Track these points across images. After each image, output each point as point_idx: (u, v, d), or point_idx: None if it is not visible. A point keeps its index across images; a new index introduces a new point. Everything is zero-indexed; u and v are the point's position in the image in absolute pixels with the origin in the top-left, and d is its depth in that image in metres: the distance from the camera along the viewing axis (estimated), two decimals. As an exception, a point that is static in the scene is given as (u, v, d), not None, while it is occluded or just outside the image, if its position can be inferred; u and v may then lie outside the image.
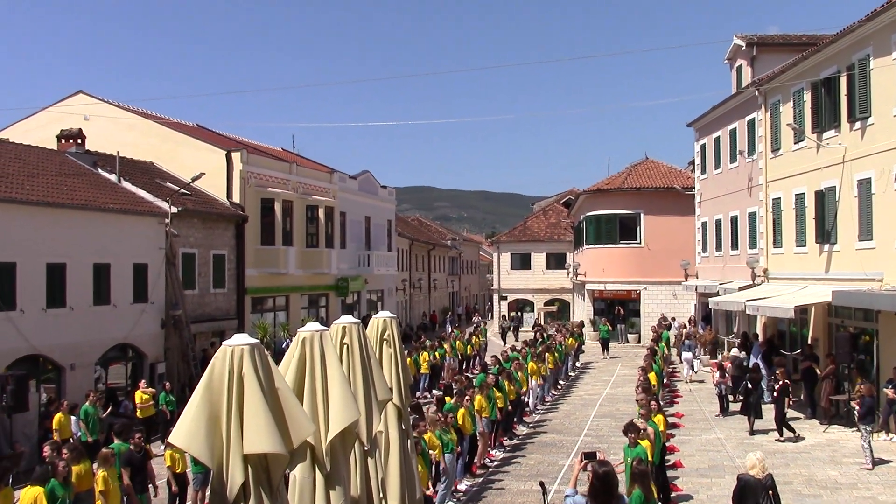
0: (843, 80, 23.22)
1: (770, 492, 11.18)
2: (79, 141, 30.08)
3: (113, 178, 28.31)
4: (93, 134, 31.38)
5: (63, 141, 30.24)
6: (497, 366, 23.82)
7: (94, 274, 24.25)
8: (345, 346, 6.78)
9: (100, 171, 28.60)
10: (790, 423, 20.75)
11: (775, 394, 20.30)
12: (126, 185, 28.30)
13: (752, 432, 21.33)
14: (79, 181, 26.20)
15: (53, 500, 11.84)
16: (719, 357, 31.13)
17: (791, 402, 21.26)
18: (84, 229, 23.94)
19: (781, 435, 20.24)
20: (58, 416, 18.44)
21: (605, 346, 40.65)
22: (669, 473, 16.54)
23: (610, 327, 43.17)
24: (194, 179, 28.95)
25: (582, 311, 50.70)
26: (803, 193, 26.10)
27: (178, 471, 14.73)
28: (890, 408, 18.71)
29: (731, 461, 17.93)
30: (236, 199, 32.96)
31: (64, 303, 23.06)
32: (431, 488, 13.92)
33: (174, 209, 27.63)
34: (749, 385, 22.10)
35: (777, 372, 21.23)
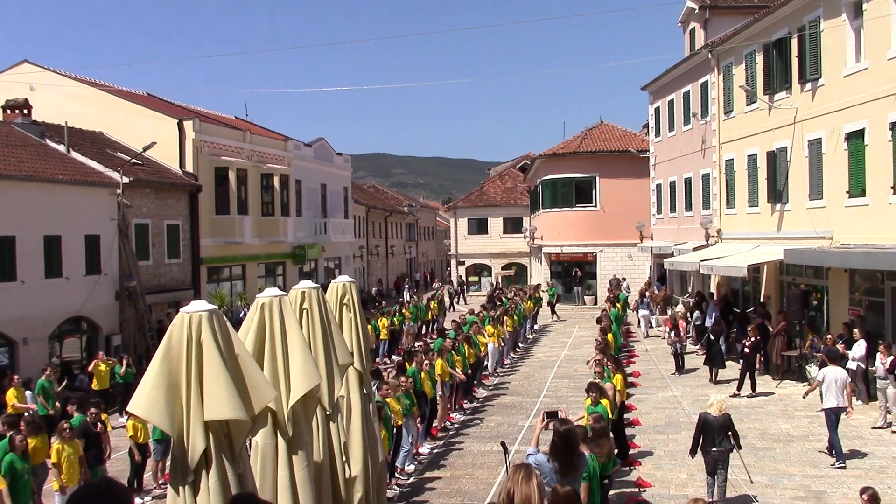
0: (794, 42, 23.47)
1: (728, 431, 12.38)
2: (25, 111, 29.29)
3: (62, 148, 27.68)
4: (39, 104, 30.60)
5: (9, 111, 29.43)
6: (456, 330, 23.92)
7: (44, 246, 23.77)
8: (304, 312, 6.74)
9: (48, 141, 27.93)
10: (756, 379, 21.11)
11: (746, 350, 20.68)
12: (75, 155, 27.69)
13: (714, 381, 22.39)
14: (26, 152, 25.57)
15: (12, 474, 11.71)
16: (668, 312, 31.89)
17: (762, 359, 21.70)
18: (33, 201, 23.41)
19: (740, 390, 20.66)
20: (10, 391, 18.16)
21: (552, 309, 40.94)
22: (627, 431, 16.81)
23: (558, 290, 43.59)
24: (146, 149, 28.42)
25: (539, 274, 51.01)
26: (756, 154, 26.44)
27: (140, 441, 14.63)
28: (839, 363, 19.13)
29: (688, 417, 18.26)
30: (189, 168, 32.46)
31: (14, 276, 22.60)
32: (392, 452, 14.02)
33: (126, 179, 27.14)
34: (711, 337, 23.23)
35: (749, 329, 21.70)
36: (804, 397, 17.91)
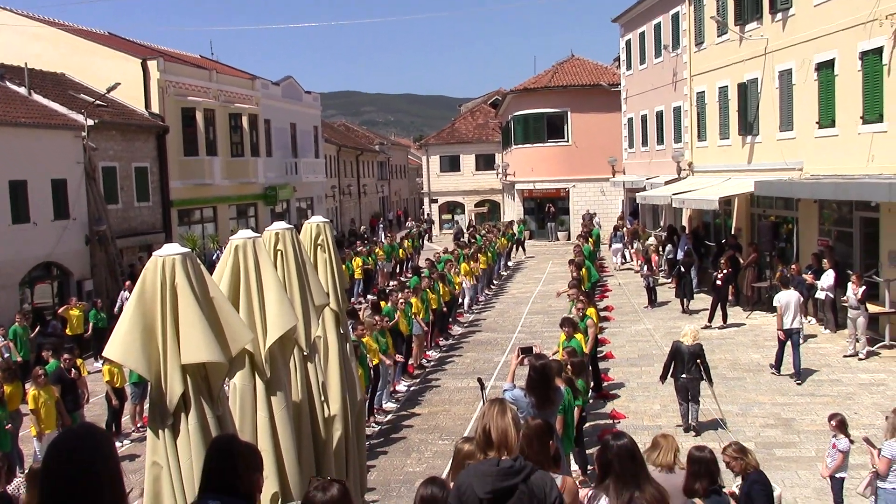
0: (765, -29, 23.27)
1: (698, 360, 12.80)
2: (-18, 53, 28.53)
3: (22, 91, 27.01)
4: (-2, 45, 29.80)
5: (-35, 53, 28.64)
6: (430, 268, 23.97)
7: (10, 191, 23.36)
8: (279, 253, 6.69)
9: (7, 83, 27.23)
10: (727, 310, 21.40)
11: (718, 282, 20.89)
12: (37, 97, 27.06)
13: (686, 311, 22.95)
14: (-14, 95, 24.98)
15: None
16: (635, 246, 32.30)
17: (734, 290, 21.96)
18: (-4, 145, 22.93)
19: (711, 321, 20.94)
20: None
21: (520, 245, 41.06)
22: (601, 365, 17.06)
23: (525, 227, 43.76)
24: (109, 90, 27.83)
25: (512, 210, 51.09)
26: (727, 86, 26.41)
27: (117, 385, 14.64)
28: (808, 292, 19.44)
29: (660, 350, 18.51)
30: (155, 109, 31.88)
31: (-19, 222, 22.28)
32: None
33: (90, 122, 26.62)
34: (682, 269, 23.49)
35: (722, 261, 21.85)
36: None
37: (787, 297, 16.01)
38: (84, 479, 3.09)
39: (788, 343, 15.91)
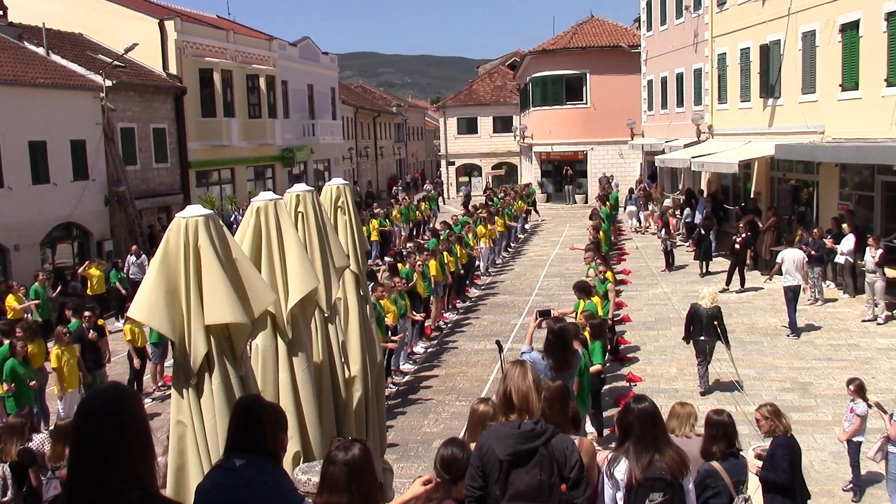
0: (790, -70, 22.83)
1: (715, 322, 12.91)
2: (1, 13, 28.44)
3: (41, 51, 27.01)
4: (16, 4, 29.60)
5: (-17, 13, 28.58)
6: (447, 230, 23.99)
7: (30, 152, 23.47)
8: (299, 215, 6.71)
9: (26, 44, 27.21)
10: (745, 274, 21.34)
11: (737, 246, 20.80)
12: (55, 58, 27.06)
13: (704, 274, 23.08)
14: (5, 55, 24.94)
15: (14, 379, 11.89)
16: (650, 208, 32.32)
17: (752, 254, 21.88)
18: (15, 106, 22.97)
19: (728, 285, 20.89)
20: (10, 297, 18.22)
21: (533, 208, 40.77)
22: (618, 328, 17.09)
23: (538, 189, 43.58)
24: (127, 51, 27.78)
25: (530, 173, 50.89)
26: (748, 48, 26.06)
27: (138, 345, 14.78)
28: (828, 256, 19.33)
29: (677, 313, 18.51)
30: (173, 70, 31.83)
31: (1, 183, 22.40)
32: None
33: (108, 82, 26.63)
34: (702, 231, 23.47)
35: (741, 225, 21.75)
36: (770, 280, 18.36)
37: (791, 255, 16.77)
38: (113, 437, 3.14)
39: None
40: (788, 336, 16.33)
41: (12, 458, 8.55)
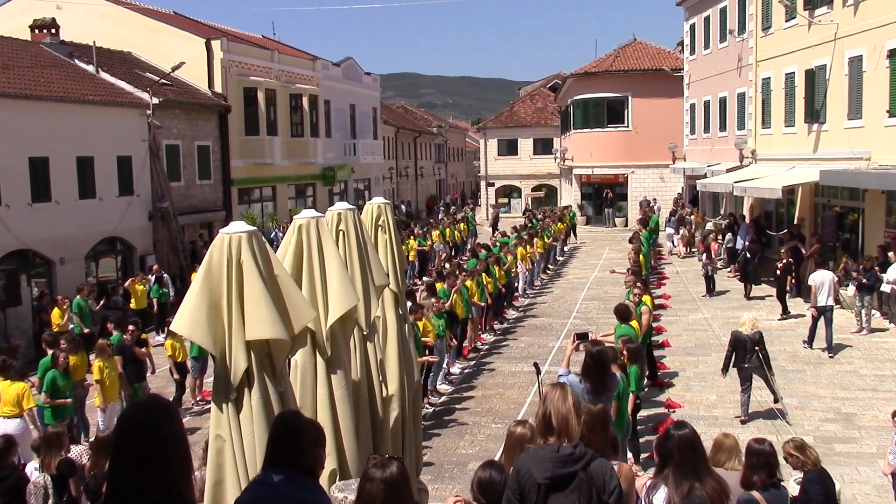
0: (838, -46, 22.64)
1: (757, 347, 12.74)
2: (53, 31, 29.11)
3: (90, 69, 27.61)
4: (67, 23, 30.36)
5: (37, 31, 29.26)
6: (486, 251, 23.96)
7: (77, 167, 23.93)
8: (340, 233, 6.75)
9: (76, 61, 27.87)
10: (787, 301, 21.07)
11: (778, 272, 20.62)
12: (104, 75, 27.64)
13: (749, 297, 23.10)
14: (56, 72, 25.56)
15: (55, 390, 12.05)
16: (680, 231, 32.32)
17: (794, 281, 21.62)
18: (65, 122, 23.47)
19: (785, 312, 20.67)
20: (55, 310, 18.52)
21: (573, 231, 40.86)
22: (657, 353, 16.91)
23: (578, 213, 43.51)
24: (174, 69, 28.28)
25: (569, 196, 50.73)
26: (794, 72, 25.81)
27: (178, 360, 14.92)
28: (875, 285, 18.94)
29: (718, 339, 18.30)
30: (218, 88, 32.34)
31: (49, 197, 22.83)
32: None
33: (155, 100, 27.11)
34: (748, 255, 23.51)
35: (782, 251, 21.61)
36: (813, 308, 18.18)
37: (822, 277, 17.27)
38: (153, 450, 3.17)
39: (821, 320, 17.08)
40: (830, 356, 16.55)
41: (53, 469, 8.65)
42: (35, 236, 22.12)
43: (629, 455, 11.19)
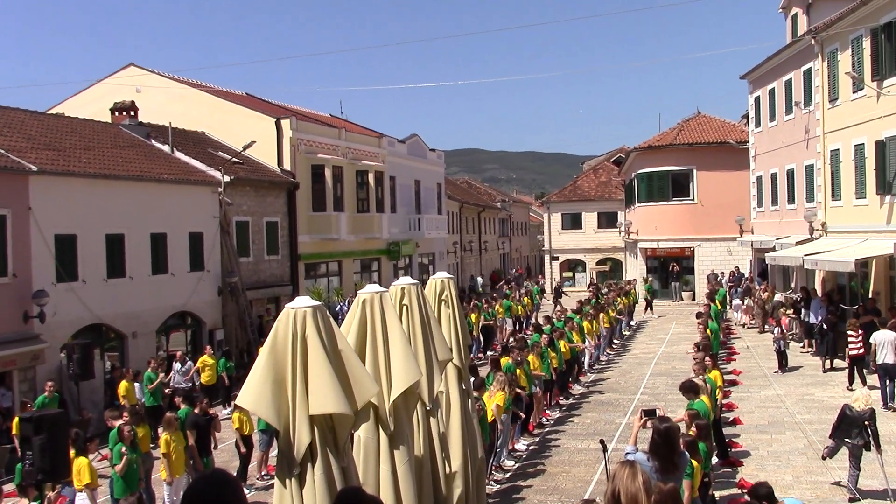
0: (905, 25, 22.45)
1: (866, 423, 12.36)
2: (132, 113, 30.50)
3: (166, 148, 28.67)
4: (145, 106, 31.76)
5: (117, 113, 30.68)
6: (550, 325, 23.77)
7: (151, 244, 24.67)
8: (404, 307, 6.81)
9: (153, 142, 28.98)
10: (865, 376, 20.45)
11: (857, 351, 20.07)
12: (179, 155, 28.65)
13: (826, 370, 22.88)
14: (133, 153, 26.59)
15: (125, 464, 12.20)
16: (745, 302, 31.89)
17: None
18: (140, 200, 24.31)
19: (852, 384, 19.99)
20: (123, 384, 18.88)
21: (649, 304, 40.53)
22: (729, 430, 16.43)
23: (654, 285, 43.13)
24: (245, 148, 29.17)
25: (634, 269, 50.25)
26: (863, 144, 25.41)
27: (245, 433, 15.01)
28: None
29: (791, 417, 17.71)
30: (287, 166, 33.18)
31: (124, 272, 23.52)
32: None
33: (227, 178, 27.92)
34: (825, 326, 23.34)
35: (855, 323, 21.12)
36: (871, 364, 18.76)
37: (883, 336, 18.16)
38: (218, 524, 3.19)
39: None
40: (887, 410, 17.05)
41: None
42: (109, 311, 22.74)
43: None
